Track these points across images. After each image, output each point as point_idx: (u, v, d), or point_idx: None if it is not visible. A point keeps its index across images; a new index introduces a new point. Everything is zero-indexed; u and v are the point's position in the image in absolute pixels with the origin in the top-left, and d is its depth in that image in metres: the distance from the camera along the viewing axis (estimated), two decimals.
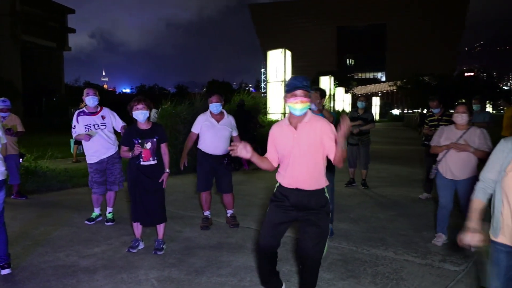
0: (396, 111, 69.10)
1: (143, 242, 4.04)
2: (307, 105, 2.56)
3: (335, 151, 2.52)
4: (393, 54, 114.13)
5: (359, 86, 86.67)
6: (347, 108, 29.51)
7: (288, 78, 13.41)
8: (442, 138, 4.04)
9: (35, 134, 17.49)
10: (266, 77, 14.13)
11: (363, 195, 6.58)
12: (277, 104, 13.35)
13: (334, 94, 26.44)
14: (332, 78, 25.04)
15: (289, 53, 13.50)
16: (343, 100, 31.28)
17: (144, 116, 3.80)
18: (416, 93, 47.30)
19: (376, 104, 50.34)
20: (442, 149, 4.01)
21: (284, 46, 14.42)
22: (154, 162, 3.84)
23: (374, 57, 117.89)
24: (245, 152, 2.51)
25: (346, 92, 37.48)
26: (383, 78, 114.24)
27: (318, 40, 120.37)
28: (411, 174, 8.56)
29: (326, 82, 23.71)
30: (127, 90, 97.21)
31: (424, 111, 17.50)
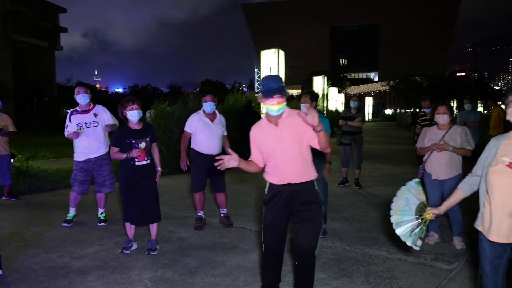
0: (388, 111, 69.47)
1: (136, 243, 4.02)
2: (284, 104, 2.59)
3: (318, 138, 2.54)
4: (385, 54, 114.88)
5: (352, 86, 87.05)
6: (340, 108, 29.60)
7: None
8: (426, 140, 4.08)
9: (27, 134, 17.33)
10: (259, 77, 14.12)
11: (356, 195, 6.61)
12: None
13: (327, 94, 26.50)
14: (325, 78, 25.11)
15: (282, 53, 13.52)
16: (336, 100, 31.39)
17: (140, 115, 3.80)
18: (408, 93, 47.65)
19: (369, 104, 50.62)
20: (425, 150, 4.05)
21: (277, 46, 14.46)
22: (148, 162, 3.86)
23: (367, 57, 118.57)
24: (233, 162, 2.54)
25: (339, 92, 37.61)
26: (376, 78, 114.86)
27: (311, 40, 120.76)
28: (404, 173, 8.61)
29: (319, 82, 23.77)
30: (120, 90, 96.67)
31: (416, 110, 17.65)
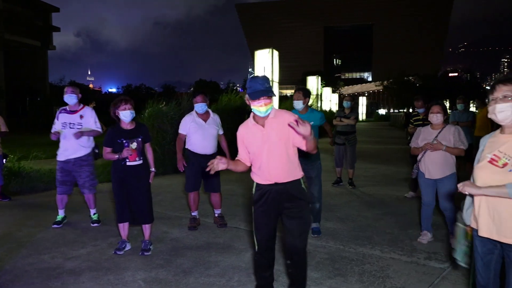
0: (382, 111, 69.82)
1: (130, 243, 4.00)
2: (271, 105, 2.60)
3: (306, 144, 2.57)
4: (379, 54, 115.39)
5: (346, 86, 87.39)
6: (334, 108, 29.68)
7: (276, 78, 13.43)
8: (420, 139, 4.10)
9: (19, 134, 17.18)
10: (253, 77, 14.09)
11: (350, 194, 6.64)
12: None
13: (321, 94, 26.56)
14: (319, 78, 25.17)
15: (276, 53, 13.51)
16: (330, 100, 31.48)
17: (132, 115, 3.78)
18: (401, 93, 47.97)
19: (362, 104, 50.77)
20: (419, 150, 4.08)
21: (271, 46, 14.44)
22: (140, 162, 3.83)
23: (360, 57, 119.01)
24: (221, 165, 2.54)
25: (333, 92, 37.70)
26: (370, 78, 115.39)
27: (305, 40, 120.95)
28: (397, 173, 8.66)
29: (313, 82, 23.82)
30: (113, 90, 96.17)
31: (410, 111, 17.75)
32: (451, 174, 3.93)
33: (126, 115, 3.74)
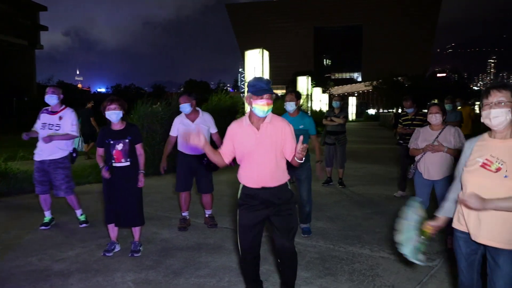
0: (372, 111, 70.35)
1: (119, 245, 3.97)
2: (271, 107, 2.61)
3: (291, 160, 2.64)
4: (368, 55, 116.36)
5: (336, 86, 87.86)
6: (324, 108, 29.83)
7: (266, 78, 13.42)
8: (420, 140, 4.10)
9: (6, 134, 16.91)
10: (243, 77, 14.13)
11: (340, 194, 6.67)
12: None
13: (311, 94, 26.66)
14: (309, 78, 25.24)
15: (266, 53, 13.52)
16: (320, 100, 31.63)
17: (117, 116, 3.74)
18: (391, 93, 48.39)
19: (352, 104, 51.07)
20: (420, 151, 4.08)
21: (261, 46, 14.44)
22: (127, 164, 3.76)
23: (350, 57, 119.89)
24: (197, 140, 2.50)
25: (323, 92, 37.88)
26: (359, 79, 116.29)
27: (295, 40, 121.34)
28: (387, 172, 8.74)
29: (303, 82, 23.88)
30: (103, 90, 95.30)
31: (399, 111, 17.93)
32: (449, 175, 3.96)
33: (109, 115, 3.73)
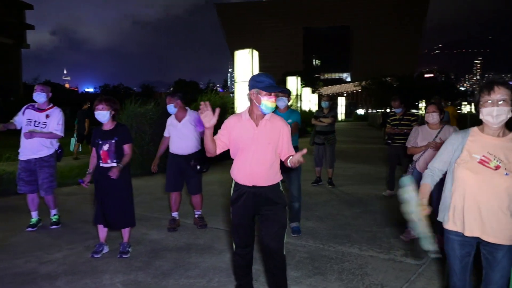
0: (361, 111, 70.89)
1: (108, 246, 3.93)
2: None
3: (285, 161, 2.63)
4: (357, 55, 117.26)
5: (325, 87, 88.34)
6: (314, 108, 29.96)
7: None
8: (419, 139, 4.13)
9: None
10: (233, 76, 14.11)
11: (330, 194, 6.71)
12: (245, 104, 13.36)
13: (301, 94, 26.74)
14: (299, 79, 25.32)
15: (256, 53, 13.53)
16: (310, 100, 31.76)
17: (103, 116, 3.71)
18: (379, 93, 48.84)
19: (341, 104, 51.40)
20: (420, 149, 4.10)
21: (251, 46, 14.45)
22: (113, 165, 3.72)
23: (339, 58, 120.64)
24: (207, 119, 2.37)
25: (313, 92, 38.03)
26: (348, 79, 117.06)
27: (285, 40, 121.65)
28: (375, 172, 8.81)
29: (293, 82, 23.95)
30: (91, 90, 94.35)
31: (387, 110, 18.10)
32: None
33: (97, 115, 3.74)
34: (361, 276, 3.35)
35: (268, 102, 2.52)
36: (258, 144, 2.58)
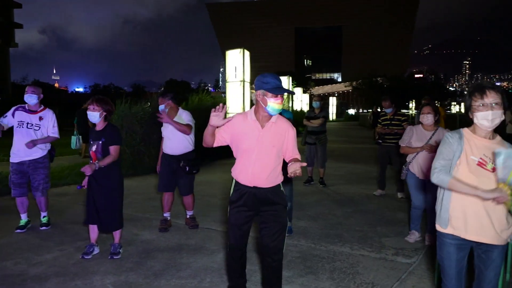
0: (352, 111, 71.29)
1: (98, 247, 3.90)
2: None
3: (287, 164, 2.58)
4: (348, 56, 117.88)
5: (317, 87, 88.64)
6: (305, 108, 30.05)
7: (247, 78, 13.43)
8: (413, 139, 4.14)
9: None
10: (225, 77, 14.09)
11: (321, 193, 6.73)
12: (236, 104, 13.35)
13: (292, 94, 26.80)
14: (290, 79, 25.37)
15: (247, 53, 13.53)
16: (301, 100, 31.86)
17: (93, 117, 3.69)
18: (370, 93, 49.19)
19: (333, 104, 51.62)
20: (414, 150, 4.11)
21: (243, 46, 14.44)
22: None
23: (330, 58, 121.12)
24: (216, 119, 2.42)
25: (304, 92, 38.13)
26: (339, 79, 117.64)
27: (276, 40, 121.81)
28: (367, 172, 8.87)
29: (284, 82, 23.99)
30: (80, 89, 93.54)
31: (378, 110, 18.18)
32: None
33: (88, 115, 3.73)
34: (352, 275, 3.37)
35: (274, 104, 2.49)
36: (262, 146, 2.55)
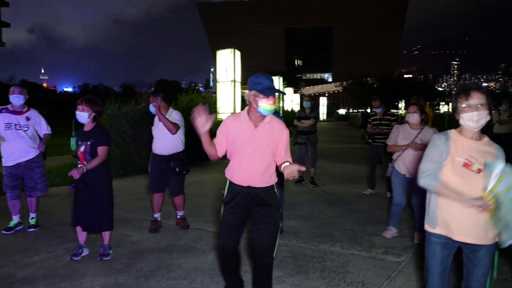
0: (342, 111, 71.68)
1: (87, 249, 3.86)
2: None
3: (279, 167, 2.58)
4: (339, 56, 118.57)
5: (307, 87, 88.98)
6: (296, 107, 30.15)
7: (238, 78, 13.43)
8: (399, 138, 4.20)
9: None
10: (216, 77, 14.05)
11: (312, 193, 6.76)
12: (227, 104, 13.34)
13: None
14: (281, 79, 25.44)
15: (238, 53, 13.53)
16: (292, 100, 31.98)
17: (82, 117, 3.66)
18: (360, 93, 49.55)
19: (323, 104, 51.90)
20: (400, 148, 4.17)
21: (233, 46, 14.44)
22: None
23: (321, 58, 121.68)
24: (202, 123, 2.37)
25: (295, 92, 38.28)
26: (330, 79, 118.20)
27: (267, 40, 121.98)
28: (357, 171, 8.93)
29: (275, 82, 24.03)
30: (69, 89, 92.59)
31: (367, 111, 18.33)
32: None
33: (76, 116, 3.69)
34: (342, 274, 3.39)
35: (266, 105, 2.50)
36: (255, 145, 2.55)
